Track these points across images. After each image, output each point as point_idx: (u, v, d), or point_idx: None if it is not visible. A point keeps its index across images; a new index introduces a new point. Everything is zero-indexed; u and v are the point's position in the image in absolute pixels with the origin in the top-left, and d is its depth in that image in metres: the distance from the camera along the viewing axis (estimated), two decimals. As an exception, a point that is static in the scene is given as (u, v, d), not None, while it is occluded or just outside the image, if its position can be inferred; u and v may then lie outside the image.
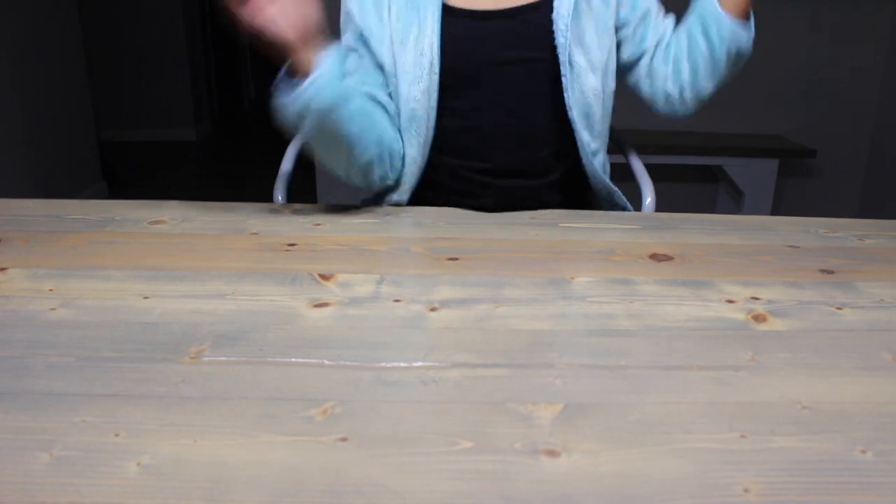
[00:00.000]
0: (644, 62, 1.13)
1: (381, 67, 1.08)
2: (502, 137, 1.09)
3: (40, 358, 0.58)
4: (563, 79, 1.04)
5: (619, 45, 1.12)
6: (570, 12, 1.02)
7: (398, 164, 1.09)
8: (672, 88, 1.11)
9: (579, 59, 1.04)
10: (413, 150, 1.08)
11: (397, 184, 1.12)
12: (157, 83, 4.95)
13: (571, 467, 0.46)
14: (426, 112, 1.05)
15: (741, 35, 1.02)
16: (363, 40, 1.08)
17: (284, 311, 0.68)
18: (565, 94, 1.05)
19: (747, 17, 1.03)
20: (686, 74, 1.09)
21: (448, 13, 1.05)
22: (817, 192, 3.00)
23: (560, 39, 1.03)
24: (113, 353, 0.59)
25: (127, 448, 0.47)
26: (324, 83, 0.87)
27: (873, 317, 0.70)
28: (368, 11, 1.07)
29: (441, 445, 0.48)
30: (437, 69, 1.03)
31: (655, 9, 1.12)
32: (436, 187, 1.13)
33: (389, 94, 1.08)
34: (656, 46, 1.12)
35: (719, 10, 1.02)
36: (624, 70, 1.15)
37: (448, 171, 1.12)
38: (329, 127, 0.92)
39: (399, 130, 1.08)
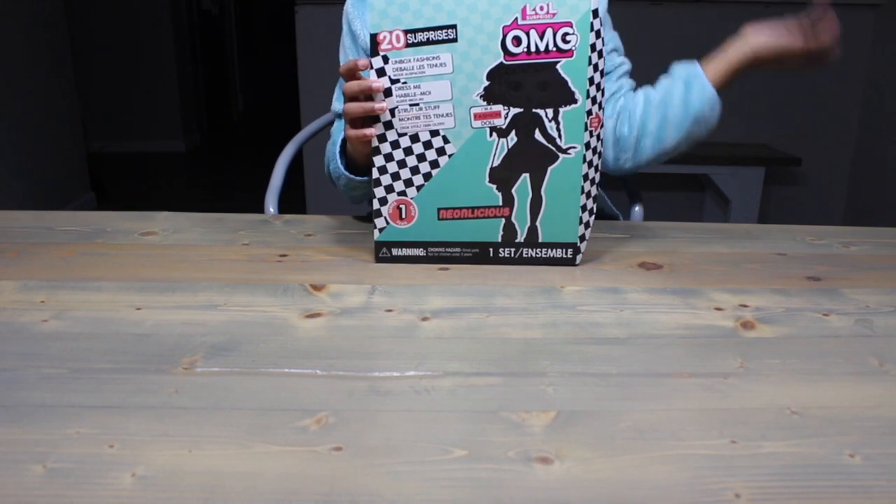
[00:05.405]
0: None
1: None
2: None
3: (33, 370, 0.58)
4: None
5: None
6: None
7: None
8: (628, 132, 1.07)
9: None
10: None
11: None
12: (146, 95, 4.93)
13: (564, 474, 0.47)
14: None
15: (715, 103, 1.02)
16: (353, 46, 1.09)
17: (276, 321, 0.68)
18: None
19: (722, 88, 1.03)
20: (653, 123, 1.05)
21: None
22: (803, 199, 3.03)
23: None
24: (106, 364, 0.59)
25: (121, 459, 0.47)
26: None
27: (859, 323, 0.71)
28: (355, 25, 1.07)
29: (435, 454, 0.49)
30: None
31: (624, 68, 1.12)
32: None
33: None
34: (613, 94, 1.10)
35: (701, 73, 1.01)
36: None
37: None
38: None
39: None
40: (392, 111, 0.80)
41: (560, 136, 0.80)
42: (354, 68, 0.80)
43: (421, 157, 0.81)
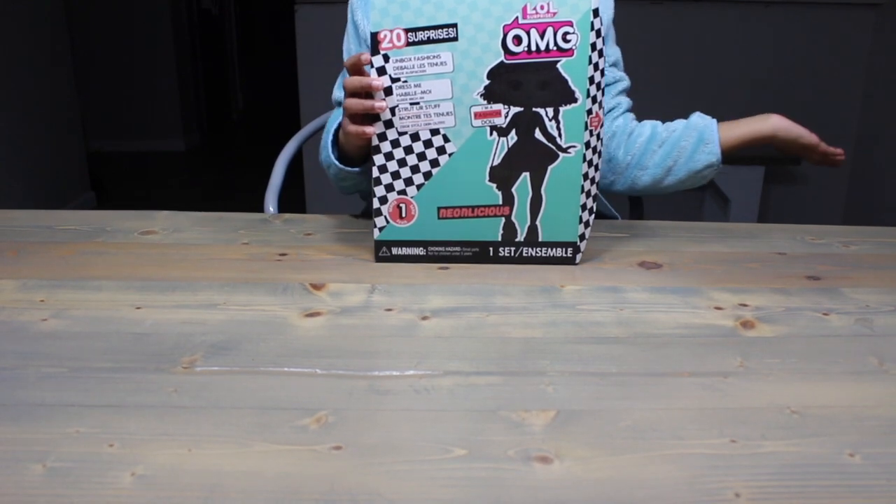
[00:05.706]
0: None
1: None
2: None
3: (32, 369, 0.58)
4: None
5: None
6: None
7: None
8: (622, 156, 1.07)
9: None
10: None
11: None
12: (146, 94, 4.93)
13: (564, 474, 0.47)
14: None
15: (716, 168, 1.06)
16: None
17: (276, 320, 0.68)
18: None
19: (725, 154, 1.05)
20: (652, 160, 1.06)
21: None
22: (803, 198, 3.03)
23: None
24: (105, 363, 0.59)
25: (121, 458, 0.47)
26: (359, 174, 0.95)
27: (859, 322, 0.71)
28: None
29: (435, 453, 0.49)
30: None
31: (623, 85, 1.11)
32: None
33: None
34: (610, 110, 1.10)
35: (717, 136, 1.03)
36: None
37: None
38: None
39: None
40: (392, 110, 0.80)
41: (560, 135, 0.80)
42: (359, 63, 0.80)
43: (421, 156, 0.81)
